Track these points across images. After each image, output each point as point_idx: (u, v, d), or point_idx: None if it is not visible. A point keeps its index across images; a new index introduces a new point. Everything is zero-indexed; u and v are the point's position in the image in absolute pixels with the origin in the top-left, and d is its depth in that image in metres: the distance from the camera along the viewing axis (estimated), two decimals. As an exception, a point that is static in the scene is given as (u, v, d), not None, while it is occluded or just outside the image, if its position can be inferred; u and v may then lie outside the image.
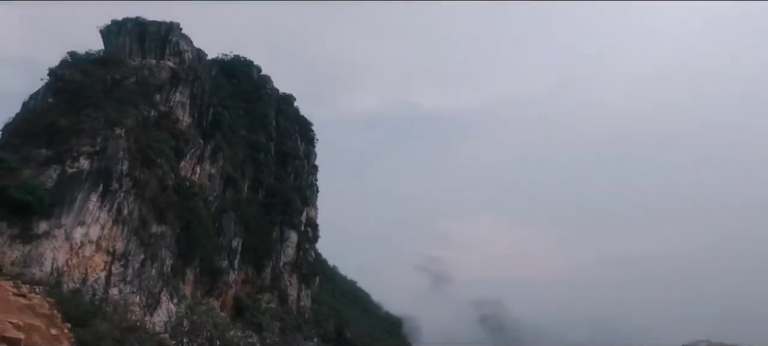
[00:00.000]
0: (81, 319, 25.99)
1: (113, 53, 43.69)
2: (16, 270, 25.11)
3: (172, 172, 40.97)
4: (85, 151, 32.80)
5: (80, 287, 28.06)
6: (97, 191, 32.19)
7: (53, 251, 27.44)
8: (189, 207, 41.09)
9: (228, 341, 39.06)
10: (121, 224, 33.06)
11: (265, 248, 51.32)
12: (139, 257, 33.39)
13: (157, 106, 43.09)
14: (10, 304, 23.11)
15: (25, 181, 27.98)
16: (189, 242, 39.68)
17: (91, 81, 38.71)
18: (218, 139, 49.59)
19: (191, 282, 39.40)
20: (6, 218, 26.08)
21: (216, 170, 48.35)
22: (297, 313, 52.75)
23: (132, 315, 30.57)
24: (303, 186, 64.99)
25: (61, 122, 33.68)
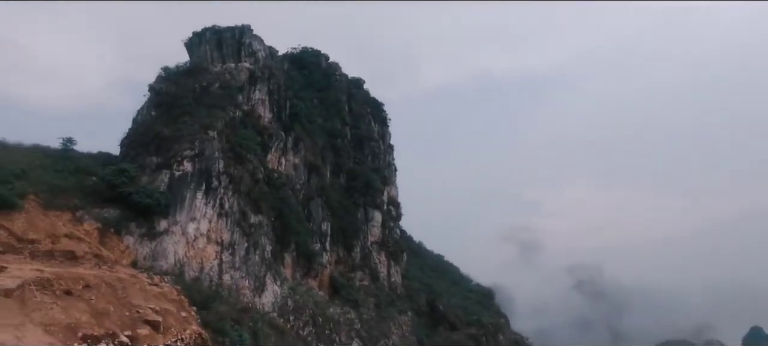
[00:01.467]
0: (203, 302, 28.94)
1: (197, 62, 47.15)
2: (147, 264, 28.52)
3: (261, 166, 43.60)
4: (187, 155, 35.95)
5: (199, 275, 31.15)
6: (201, 189, 35.24)
7: (174, 245, 30.73)
8: (280, 197, 43.55)
9: (328, 317, 41.30)
10: (225, 217, 35.97)
11: (352, 229, 52.98)
12: (243, 246, 36.15)
13: (240, 106, 45.91)
14: (148, 293, 26.25)
15: (144, 186, 31.46)
16: (284, 228, 42.17)
17: (183, 91, 42.23)
18: (298, 131, 51.73)
19: (290, 265, 41.97)
20: (134, 219, 29.63)
21: (299, 160, 50.61)
22: (389, 289, 54.01)
23: (243, 298, 33.42)
24: (381, 167, 65.79)
25: (164, 132, 37.23)
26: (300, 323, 36.82)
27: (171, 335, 24.67)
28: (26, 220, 23.77)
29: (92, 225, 27.17)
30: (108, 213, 28.66)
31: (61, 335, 19.77)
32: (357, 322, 44.03)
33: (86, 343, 20.15)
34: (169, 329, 24.94)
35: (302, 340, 36.07)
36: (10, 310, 19.01)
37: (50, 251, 23.55)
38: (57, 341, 19.31)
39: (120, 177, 31.06)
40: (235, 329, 28.74)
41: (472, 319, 58.15)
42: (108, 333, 21.57)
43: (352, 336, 42.44)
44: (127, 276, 26.01)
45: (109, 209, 28.91)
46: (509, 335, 63.80)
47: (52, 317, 20.34)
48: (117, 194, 29.97)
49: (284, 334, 34.16)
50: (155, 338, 23.72)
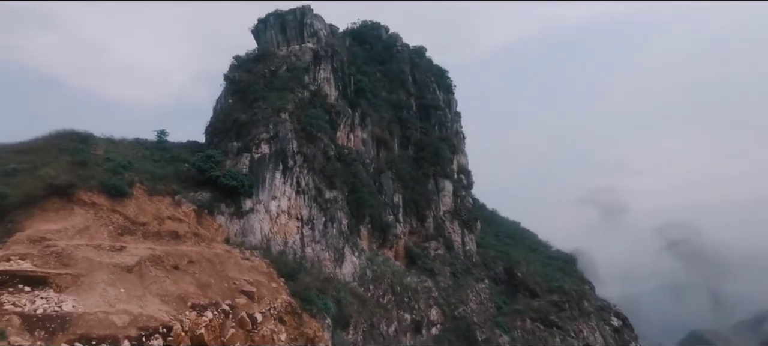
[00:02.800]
0: (290, 274, 30.85)
1: (264, 48, 49.03)
2: (238, 240, 30.92)
3: (331, 143, 44.84)
4: (264, 138, 37.93)
5: (284, 249, 33.19)
6: (278, 169, 37.15)
7: (260, 223, 32.94)
8: (352, 172, 44.62)
9: (406, 285, 42.10)
10: (302, 194, 37.71)
11: (423, 199, 52.98)
12: (321, 221, 37.76)
13: (307, 86, 47.20)
14: (241, 266, 28.47)
15: (229, 170, 33.87)
16: (357, 202, 43.31)
17: (254, 77, 44.33)
18: (363, 106, 52.19)
19: (366, 237, 43.18)
20: (223, 200, 32.15)
21: (367, 135, 51.23)
22: (464, 257, 53.62)
23: (325, 269, 35.10)
24: (449, 135, 64.53)
25: (241, 117, 39.52)
26: (379, 292, 37.99)
27: (265, 304, 26.77)
28: (136, 205, 26.78)
29: (189, 207, 29.93)
30: (201, 196, 31.36)
31: (174, 304, 22.30)
32: (434, 290, 44.45)
33: (195, 311, 22.56)
34: (263, 299, 27.05)
35: (382, 307, 37.25)
36: (132, 283, 21.74)
37: (158, 232, 26.35)
38: (171, 309, 21.83)
39: (208, 163, 33.69)
40: (321, 297, 30.36)
41: (554, 286, 55.94)
42: (212, 302, 23.94)
43: (430, 304, 43.00)
44: (222, 252, 28.50)
45: (202, 193, 31.61)
46: (595, 302, 60.53)
47: (166, 288, 22.95)
48: (207, 179, 32.61)
49: (365, 302, 35.49)
50: (251, 306, 25.91)
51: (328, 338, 28.67)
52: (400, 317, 38.30)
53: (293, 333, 27.14)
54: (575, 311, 54.85)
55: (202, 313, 22.75)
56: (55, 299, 18.19)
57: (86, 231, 23.10)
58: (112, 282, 21.14)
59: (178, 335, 20.67)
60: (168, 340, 20.20)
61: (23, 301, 17.52)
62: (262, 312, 25.94)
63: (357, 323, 32.57)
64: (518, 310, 50.78)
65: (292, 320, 27.59)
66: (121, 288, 21.18)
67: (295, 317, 27.75)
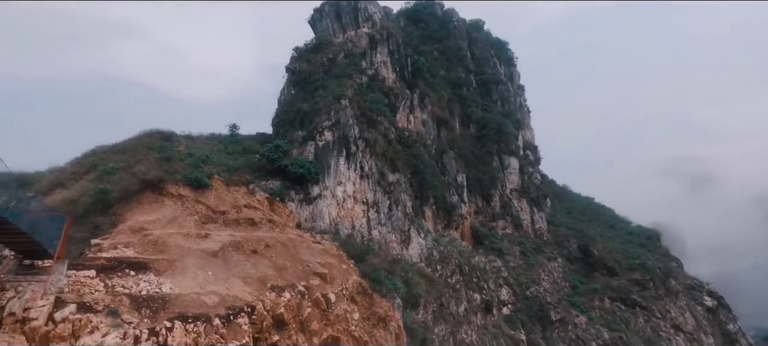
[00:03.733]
0: (358, 256, 31.59)
1: (322, 37, 49.92)
2: (308, 225, 32.22)
3: (391, 126, 44.88)
4: (326, 126, 38.88)
5: (351, 232, 34.05)
6: (342, 155, 37.95)
7: (327, 207, 34.03)
8: (413, 154, 44.44)
9: (474, 265, 41.45)
10: (366, 179, 38.28)
11: (488, 178, 51.54)
12: (386, 203, 38.15)
13: (365, 71, 47.43)
14: (313, 249, 29.64)
15: (296, 158, 35.24)
16: (420, 184, 43.15)
17: (314, 67, 45.40)
18: (422, 86, 51.51)
19: (430, 218, 43.01)
20: (292, 187, 33.61)
21: (427, 115, 50.61)
22: (534, 236, 51.62)
23: (392, 250, 35.54)
24: (512, 110, 61.96)
25: (303, 107, 40.80)
26: (447, 272, 37.81)
27: (337, 285, 27.77)
28: (216, 196, 28.83)
29: (262, 196, 31.66)
30: (272, 184, 33.01)
31: (255, 286, 23.88)
32: (504, 270, 43.35)
33: (275, 292, 23.97)
34: (335, 280, 28.07)
35: (451, 287, 37.06)
36: (218, 267, 23.57)
37: (236, 219, 28.19)
38: (253, 290, 23.40)
39: (276, 153, 35.29)
40: (389, 278, 30.85)
41: (635, 263, 52.12)
42: (289, 284, 25.29)
43: (500, 284, 42.05)
44: (295, 236, 29.91)
45: (273, 181, 33.26)
46: (684, 280, 55.60)
47: (247, 271, 24.61)
48: (276, 168, 34.21)
49: (433, 282, 35.51)
50: (325, 287, 27.01)
51: (399, 318, 29.13)
52: (470, 297, 37.89)
53: (365, 313, 27.92)
54: (660, 289, 50.79)
55: (281, 294, 24.15)
56: (155, 282, 20.25)
57: (176, 221, 25.32)
58: (201, 266, 23.09)
59: (261, 314, 22.14)
60: (252, 318, 21.75)
61: (130, 283, 19.70)
62: (335, 293, 26.95)
63: (426, 303, 32.73)
64: (595, 289, 48.07)
65: (363, 300, 28.37)
66: (208, 271, 23.07)
67: (366, 298, 28.50)
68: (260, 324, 21.84)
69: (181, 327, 18.75)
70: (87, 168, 26.23)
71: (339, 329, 25.78)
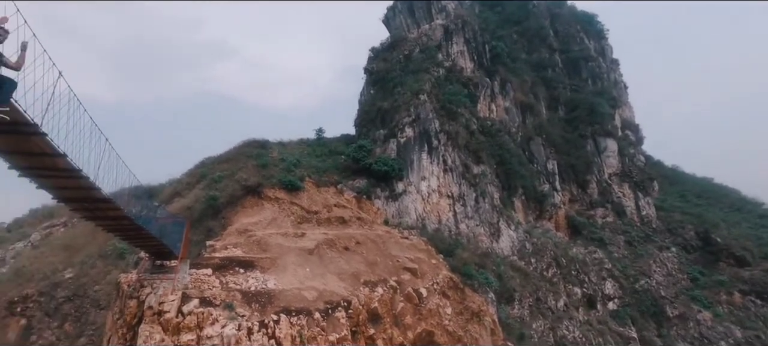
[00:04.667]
0: (447, 250, 31.19)
1: (396, 34, 50.22)
2: (395, 221, 32.60)
3: (472, 117, 43.66)
4: (406, 122, 39.03)
5: (439, 227, 33.76)
6: (424, 150, 37.80)
7: (413, 203, 34.15)
8: (497, 143, 42.76)
9: (572, 257, 38.65)
10: (450, 172, 37.69)
11: (582, 163, 47.76)
12: (472, 196, 37.19)
13: (441, 64, 46.76)
14: (402, 245, 29.90)
15: (379, 157, 35.90)
16: (507, 174, 41.35)
17: (390, 65, 45.88)
18: (502, 72, 49.38)
19: (520, 210, 41.02)
20: (378, 185, 34.31)
21: (509, 102, 48.40)
22: (641, 223, 46.64)
23: (482, 244, 34.52)
24: (606, 88, 56.68)
25: (383, 106, 41.41)
26: (542, 265, 35.73)
27: (428, 280, 27.71)
28: (308, 197, 30.47)
29: (350, 194, 32.75)
30: (359, 183, 33.99)
31: (349, 281, 24.76)
32: (607, 261, 39.79)
33: (368, 287, 24.64)
34: (425, 275, 28.02)
35: (547, 281, 34.96)
36: (314, 264, 24.87)
37: (328, 218, 29.50)
38: (348, 285, 24.29)
39: (360, 152, 36.27)
40: (480, 272, 30.01)
41: (772, 251, 44.56)
42: (380, 279, 25.82)
43: (604, 276, 38.66)
44: (383, 233, 30.46)
45: (359, 180, 34.23)
46: (842, 270, 46.09)
47: (341, 267, 25.62)
48: (362, 167, 35.17)
49: (527, 276, 33.81)
50: (416, 282, 27.10)
51: (493, 312, 28.20)
52: (569, 291, 35.39)
53: (458, 307, 27.48)
54: (811, 281, 42.68)
55: (374, 289, 24.74)
56: (261, 279, 21.96)
57: (275, 222, 27.24)
58: (300, 263, 24.55)
59: (356, 308, 22.89)
60: (349, 313, 22.59)
61: (240, 280, 21.59)
62: (427, 287, 26.92)
63: (522, 298, 31.24)
64: (721, 282, 41.97)
65: (455, 295, 27.96)
66: (306, 268, 24.45)
67: (458, 292, 28.03)
68: (356, 318, 22.58)
69: (286, 320, 20.09)
70: (198, 178, 29.39)
71: (432, 323, 25.70)
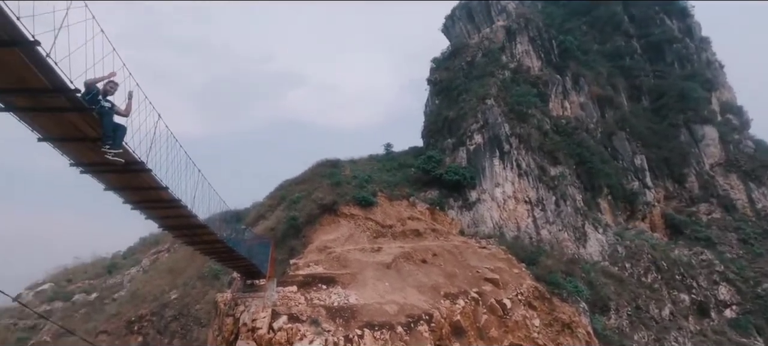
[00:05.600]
0: (529, 259, 29.62)
1: (457, 42, 49.68)
2: (471, 231, 31.72)
3: (544, 117, 41.58)
4: (474, 129, 38.16)
5: (518, 234, 32.23)
6: (495, 156, 36.58)
7: (488, 211, 33.04)
8: (575, 142, 40.17)
9: (674, 260, 34.73)
10: (525, 176, 36.00)
11: (676, 156, 43.16)
12: (552, 200, 35.11)
13: (506, 66, 45.31)
14: (480, 255, 28.96)
15: (449, 166, 35.38)
16: (588, 174, 38.57)
17: (453, 73, 45.34)
18: (574, 67, 46.64)
19: (608, 211, 37.89)
20: (450, 195, 33.77)
21: (584, 97, 45.43)
22: (756, 218, 40.72)
23: (567, 250, 32.30)
24: (697, 70, 51.02)
25: (449, 114, 40.92)
26: (639, 270, 32.46)
27: (511, 290, 26.42)
28: (381, 211, 30.77)
29: (423, 206, 32.54)
30: (431, 194, 33.70)
31: (429, 294, 24.39)
32: (718, 263, 35.14)
33: (448, 299, 24.08)
34: (508, 285, 26.77)
35: (647, 287, 31.65)
36: (393, 278, 24.90)
37: (402, 231, 29.50)
38: (428, 298, 23.94)
39: (430, 163, 36.03)
40: (569, 280, 28.03)
41: None
42: (461, 291, 25.11)
43: (716, 280, 34.13)
44: (460, 243, 29.75)
45: (431, 191, 33.94)
46: None
47: (419, 280, 25.37)
48: (432, 178, 34.87)
49: (623, 282, 30.91)
50: (498, 293, 25.96)
51: (586, 323, 26.07)
52: (675, 298, 31.68)
53: (546, 318, 25.81)
54: None
55: (455, 301, 24.11)
56: (343, 294, 22.42)
57: (351, 238, 27.81)
58: (378, 278, 24.72)
59: (439, 321, 22.42)
60: (431, 326, 22.19)
61: (323, 296, 22.22)
62: (510, 298, 25.67)
63: (618, 306, 28.55)
64: None
65: (542, 306, 26.33)
66: (385, 282, 24.54)
67: (545, 302, 26.38)
68: (439, 331, 22.11)
69: (370, 334, 20.24)
70: (278, 200, 31.06)
71: (520, 336, 24.37)
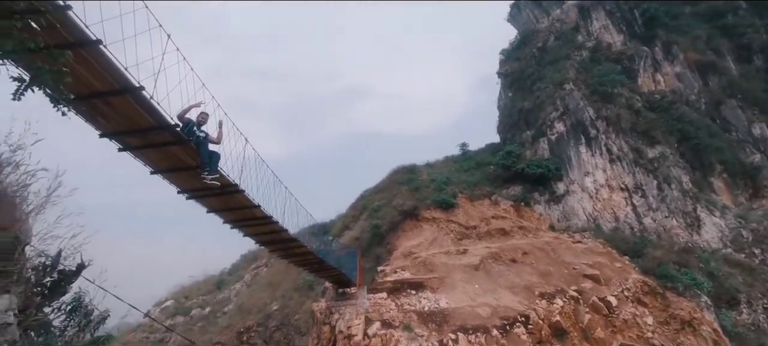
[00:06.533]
0: (633, 251, 27.08)
1: (525, 29, 47.41)
2: (562, 225, 29.79)
3: (634, 94, 37.98)
4: (554, 117, 35.98)
5: (616, 225, 29.59)
6: (580, 143, 34.12)
7: (579, 203, 30.79)
8: (674, 118, 36.05)
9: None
10: (618, 162, 33.05)
11: (805, 119, 36.74)
12: (653, 184, 31.76)
13: (583, 46, 42.29)
14: (575, 250, 27.07)
15: (530, 159, 33.69)
16: (695, 151, 34.32)
17: (525, 63, 43.30)
18: (663, 36, 42.03)
19: (724, 190, 33.31)
20: (534, 189, 32.07)
21: (680, 66, 40.68)
22: None
23: (677, 238, 28.93)
24: (822, 14, 43.26)
25: (524, 106, 39.07)
26: (773, 256, 27.96)
27: (614, 286, 24.24)
28: (463, 212, 30.14)
29: (506, 204, 31.29)
30: (513, 191, 32.31)
31: (523, 294, 23.24)
32: None
33: (545, 299, 22.74)
34: (610, 281, 24.61)
35: (786, 276, 27.10)
36: (482, 279, 24.16)
37: (487, 231, 28.60)
38: (522, 299, 22.81)
39: (509, 159, 34.62)
40: (684, 272, 25.07)
41: None
42: (557, 289, 23.59)
43: None
44: (551, 239, 28.06)
45: (514, 187, 32.55)
46: None
47: (511, 281, 24.31)
48: (513, 174, 33.44)
49: (753, 271, 26.83)
50: (600, 290, 23.95)
51: (712, 320, 23.02)
52: (825, 287, 26.72)
53: (661, 316, 23.26)
54: None
55: (552, 301, 22.70)
56: (433, 298, 22.23)
57: (435, 241, 27.56)
58: (467, 280, 24.14)
59: (536, 322, 21.24)
60: (528, 328, 21.08)
61: (413, 301, 22.21)
62: (615, 295, 23.57)
63: (750, 299, 24.80)
64: None
65: (654, 302, 23.80)
66: (475, 284, 23.88)
67: (658, 298, 23.81)
68: (538, 333, 20.95)
69: (464, 338, 19.78)
70: (360, 210, 31.84)
71: (631, 336, 22.22)
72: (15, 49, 3.80)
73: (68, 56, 4.27)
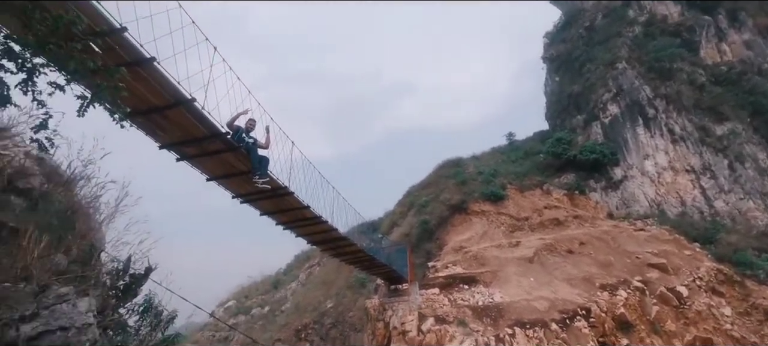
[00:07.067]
0: (704, 237, 25.08)
1: (570, 10, 45.15)
2: (621, 213, 28.10)
3: (696, 68, 35.03)
4: (607, 99, 34.07)
5: (683, 210, 27.48)
6: (638, 124, 32.06)
7: (639, 188, 28.89)
8: (745, 90, 32.87)
9: None
10: (682, 142, 30.69)
11: None
12: (723, 164, 29.17)
13: (635, 21, 39.65)
14: (637, 238, 25.46)
15: (583, 145, 32.06)
16: (771, 123, 31.09)
17: (572, 44, 41.27)
18: (725, 2, 38.43)
19: (810, 165, 29.90)
20: (589, 176, 30.47)
21: (749, 34, 37.05)
22: None
23: (754, 221, 26.37)
24: None
25: (574, 89, 37.22)
26: None
27: (684, 275, 22.53)
28: (514, 204, 29.23)
29: (559, 193, 29.97)
30: (566, 179, 30.89)
31: (582, 286, 22.15)
32: None
33: (606, 291, 21.53)
34: (679, 270, 22.91)
35: None
36: (537, 272, 23.30)
37: (540, 222, 27.55)
38: (582, 291, 21.75)
39: (559, 146, 33.14)
40: (765, 258, 22.85)
41: None
42: (620, 280, 22.26)
43: None
44: (609, 228, 26.56)
45: (566, 175, 31.12)
46: None
47: (568, 272, 23.26)
48: (565, 161, 31.98)
49: None
50: (669, 280, 22.34)
51: (802, 310, 20.75)
52: None
53: (740, 306, 21.35)
54: None
55: (614, 292, 21.45)
56: (486, 293, 21.74)
57: (486, 235, 26.94)
58: (521, 273, 23.38)
59: (598, 315, 20.16)
60: (590, 321, 20.06)
61: (466, 296, 21.84)
62: (686, 285, 21.90)
63: None
64: None
65: (731, 291, 21.88)
66: (530, 277, 23.08)
67: (736, 287, 21.88)
68: (601, 327, 19.88)
69: (521, 333, 19.17)
70: (408, 206, 31.77)
71: (706, 328, 20.54)
72: (76, 69, 4.10)
73: (123, 72, 4.56)
